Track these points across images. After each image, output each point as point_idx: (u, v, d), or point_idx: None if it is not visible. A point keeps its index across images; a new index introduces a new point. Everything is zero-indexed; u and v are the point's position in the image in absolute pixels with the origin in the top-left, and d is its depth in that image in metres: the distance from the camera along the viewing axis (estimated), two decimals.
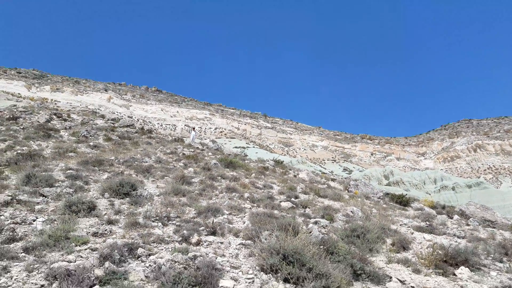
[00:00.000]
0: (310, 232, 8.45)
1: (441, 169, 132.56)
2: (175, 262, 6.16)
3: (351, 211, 13.02)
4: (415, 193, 71.13)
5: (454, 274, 8.10)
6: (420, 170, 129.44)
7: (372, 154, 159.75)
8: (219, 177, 15.87)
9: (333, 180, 25.57)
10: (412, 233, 11.64)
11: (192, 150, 23.60)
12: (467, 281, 7.78)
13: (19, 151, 16.50)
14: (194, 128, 38.04)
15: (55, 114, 30.26)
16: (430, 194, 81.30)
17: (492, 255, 10.17)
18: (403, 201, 18.59)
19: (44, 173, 12.15)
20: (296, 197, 14.53)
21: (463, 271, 8.23)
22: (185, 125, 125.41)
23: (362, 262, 7.44)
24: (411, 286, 6.39)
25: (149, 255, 6.61)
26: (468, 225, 15.16)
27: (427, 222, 13.65)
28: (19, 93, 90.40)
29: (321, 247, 7.44)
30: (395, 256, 8.81)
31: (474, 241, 11.64)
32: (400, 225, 12.88)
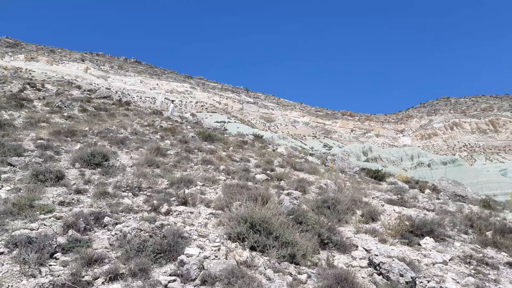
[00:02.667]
0: (281, 203, 8.52)
1: (419, 146, 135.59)
2: (141, 230, 6.12)
3: (325, 184, 13.18)
4: (392, 169, 72.65)
5: (419, 244, 8.36)
6: (398, 147, 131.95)
7: (352, 131, 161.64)
8: (196, 150, 15.77)
9: (311, 155, 25.84)
10: (383, 205, 11.90)
11: (171, 123, 23.31)
12: (430, 250, 8.03)
13: None
14: (173, 101, 37.52)
15: (28, 83, 29.23)
16: (406, 171, 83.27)
17: (458, 227, 10.52)
18: (378, 176, 18.93)
19: (13, 142, 11.81)
20: (272, 170, 14.59)
21: (427, 241, 8.49)
22: (165, 98, 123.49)
23: (330, 231, 7.57)
24: (375, 255, 6.55)
25: (116, 224, 6.55)
26: (438, 199, 15.60)
27: (399, 196, 13.97)
28: None
29: (290, 216, 7.52)
30: (364, 227, 9.00)
31: (442, 213, 12.00)
32: (372, 198, 13.13)
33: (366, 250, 7.27)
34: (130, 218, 7.03)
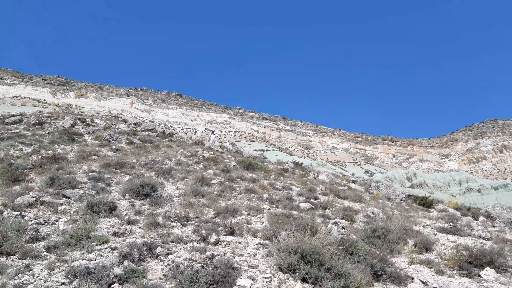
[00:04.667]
0: (329, 233, 8.34)
1: (466, 171, 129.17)
2: (193, 261, 6.18)
3: (372, 212, 12.81)
4: (439, 195, 69.42)
5: (479, 276, 7.85)
6: (444, 172, 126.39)
7: (394, 156, 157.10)
8: (238, 179, 15.91)
9: (353, 182, 25.27)
10: (435, 234, 11.36)
11: (212, 152, 23.73)
12: (492, 282, 7.51)
13: (44, 155, 16.96)
14: (213, 132, 38.40)
15: (79, 119, 31.00)
16: (455, 196, 79.16)
17: None
18: (426, 203, 18.17)
19: (67, 175, 12.44)
20: (316, 198, 14.40)
21: (488, 272, 7.96)
22: (205, 128, 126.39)
23: (383, 262, 7.29)
24: (434, 287, 6.21)
25: (168, 254, 6.66)
26: (494, 226, 14.70)
27: (451, 224, 13.29)
28: (44, 100, 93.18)
29: (340, 247, 7.34)
30: (417, 257, 8.60)
31: (500, 242, 11.26)
32: (423, 226, 12.59)
33: (422, 282, 6.91)
34: (181, 248, 7.13)
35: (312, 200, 13.93)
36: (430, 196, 21.07)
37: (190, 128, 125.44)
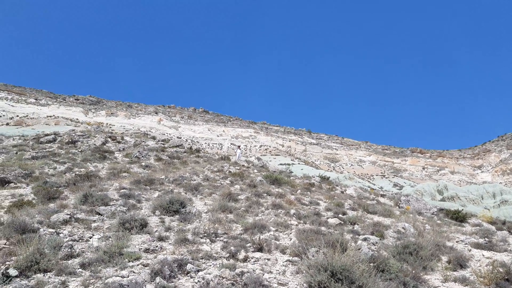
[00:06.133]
0: (359, 249, 8.23)
1: (500, 183, 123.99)
2: (223, 278, 6.24)
3: (403, 228, 12.53)
4: (472, 208, 66.96)
5: None
6: (477, 184, 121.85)
7: (423, 168, 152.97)
8: (265, 194, 15.93)
9: (382, 196, 24.77)
10: (470, 250, 10.98)
11: (238, 167, 23.89)
12: None
13: (77, 173, 17.56)
14: (239, 146, 38.73)
15: (110, 137, 31.94)
16: (489, 210, 76.03)
17: None
18: (459, 217, 17.60)
19: (100, 192, 12.82)
20: (344, 214, 14.23)
21: None
22: (231, 143, 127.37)
23: (416, 280, 7.12)
24: None
25: (198, 271, 6.75)
26: None
27: (486, 239, 12.82)
28: (77, 119, 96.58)
29: (371, 264, 7.22)
30: (452, 275, 8.34)
31: None
32: (457, 241, 12.20)
33: None
34: (210, 265, 7.21)
35: (340, 215, 13.77)
36: (463, 209, 20.41)
37: (216, 144, 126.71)
